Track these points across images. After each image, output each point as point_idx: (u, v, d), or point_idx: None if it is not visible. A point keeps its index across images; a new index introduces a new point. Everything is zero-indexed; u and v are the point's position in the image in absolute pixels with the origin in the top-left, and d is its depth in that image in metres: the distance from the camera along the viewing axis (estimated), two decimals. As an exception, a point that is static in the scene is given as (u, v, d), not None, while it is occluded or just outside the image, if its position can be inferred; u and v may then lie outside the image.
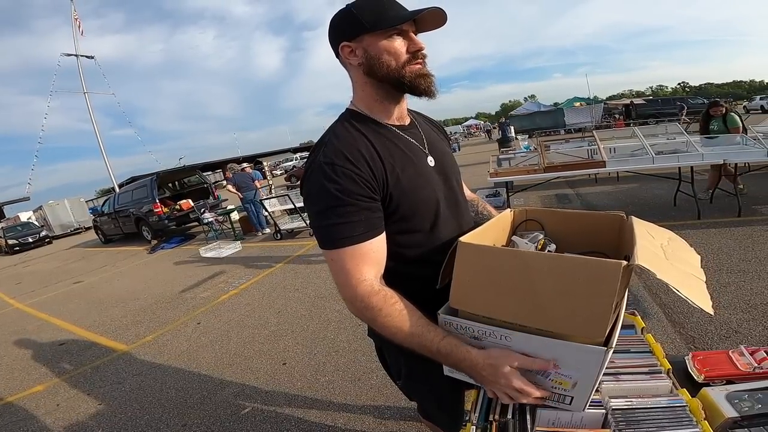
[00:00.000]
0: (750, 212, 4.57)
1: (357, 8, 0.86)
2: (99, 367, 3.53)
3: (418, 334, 0.81)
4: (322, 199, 0.84)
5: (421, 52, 0.88)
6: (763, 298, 2.72)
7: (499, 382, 0.76)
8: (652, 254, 0.73)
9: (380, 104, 0.94)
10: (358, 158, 0.85)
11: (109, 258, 9.77)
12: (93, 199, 32.39)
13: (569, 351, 0.71)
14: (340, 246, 0.84)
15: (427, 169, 0.96)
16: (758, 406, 0.78)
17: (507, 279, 0.75)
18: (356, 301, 0.84)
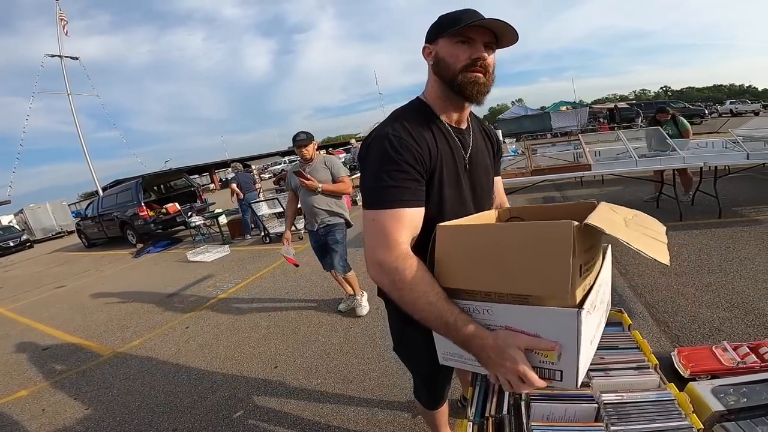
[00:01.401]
0: (730, 214, 4.71)
1: (443, 17, 0.99)
2: (85, 372, 3.47)
3: (439, 305, 0.82)
4: (383, 162, 0.93)
5: (481, 61, 0.95)
6: (744, 297, 2.80)
7: (505, 365, 0.76)
8: (607, 219, 0.76)
9: (442, 102, 1.05)
10: (421, 140, 0.96)
11: (92, 262, 9.59)
12: (76, 202, 31.72)
13: (546, 317, 0.73)
14: (389, 206, 0.91)
15: (462, 170, 1.07)
16: (743, 399, 0.81)
17: (479, 252, 0.80)
18: (389, 261, 0.87)
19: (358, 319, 3.45)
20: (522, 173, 5.46)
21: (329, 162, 3.37)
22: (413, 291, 0.84)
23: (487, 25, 0.93)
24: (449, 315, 0.81)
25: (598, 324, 0.85)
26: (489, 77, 0.99)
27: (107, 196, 11.37)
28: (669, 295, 3.02)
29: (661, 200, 5.59)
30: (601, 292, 0.81)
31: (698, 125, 21.25)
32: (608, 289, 0.89)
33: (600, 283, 0.81)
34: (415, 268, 0.85)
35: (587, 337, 0.74)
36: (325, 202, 3.29)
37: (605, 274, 0.87)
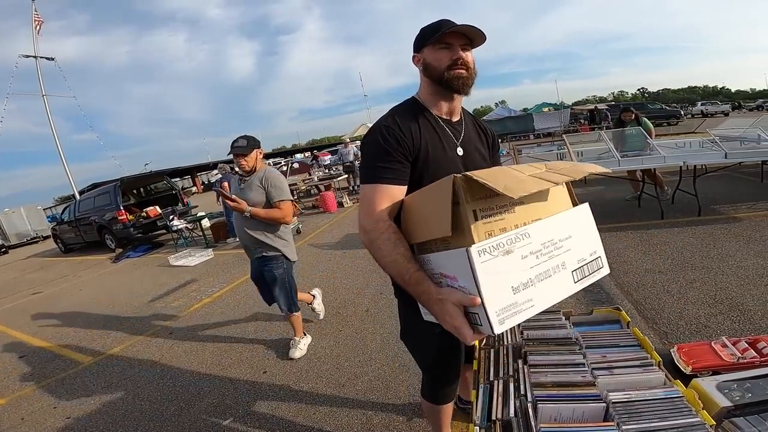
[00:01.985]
0: (709, 212, 4.83)
1: (424, 29, 1.19)
2: (64, 380, 3.34)
3: (399, 262, 0.97)
4: (373, 147, 1.15)
5: (460, 60, 1.14)
6: (727, 293, 2.87)
7: (445, 318, 0.84)
8: (491, 173, 0.85)
9: (432, 98, 1.23)
10: (405, 129, 1.14)
11: (70, 267, 9.29)
12: (51, 206, 30.71)
13: (453, 258, 0.83)
14: (372, 182, 1.11)
15: (452, 155, 1.21)
16: (748, 395, 0.81)
17: (417, 210, 1.00)
18: (368, 224, 1.06)
19: (348, 322, 3.41)
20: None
21: (268, 179, 2.68)
22: (381, 250, 1.01)
23: (460, 30, 1.12)
24: (406, 272, 0.95)
25: (547, 274, 0.85)
26: (471, 72, 1.17)
27: (84, 200, 11.03)
28: (655, 292, 3.07)
29: (642, 199, 5.72)
30: (535, 243, 0.84)
31: (674, 126, 21.91)
32: (574, 244, 0.91)
33: (528, 232, 0.84)
34: (384, 230, 1.02)
35: (500, 278, 0.78)
36: (259, 228, 2.73)
37: (557, 228, 0.90)
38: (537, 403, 0.83)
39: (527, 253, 0.83)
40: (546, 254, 0.86)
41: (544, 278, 0.85)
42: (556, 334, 1.13)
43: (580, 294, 3.21)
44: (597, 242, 0.99)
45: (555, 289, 0.87)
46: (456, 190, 0.82)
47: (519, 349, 1.07)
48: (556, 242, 0.88)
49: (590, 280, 0.94)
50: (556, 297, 0.87)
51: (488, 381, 0.98)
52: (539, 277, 0.84)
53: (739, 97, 66.03)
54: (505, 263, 0.79)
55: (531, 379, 0.92)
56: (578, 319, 1.24)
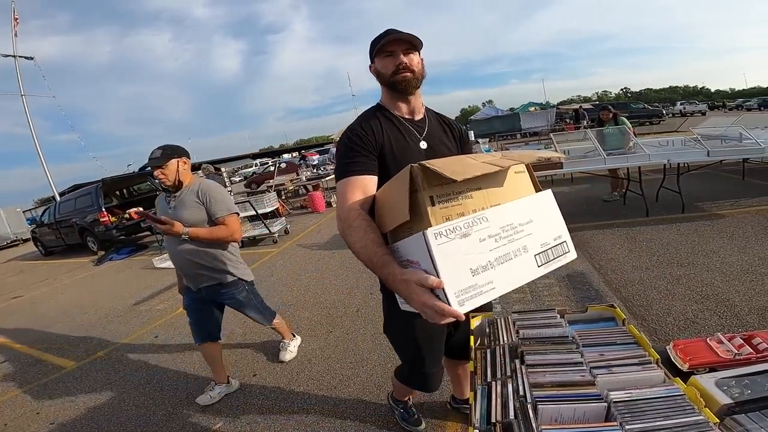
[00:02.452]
0: (693, 209, 4.92)
1: (372, 42, 1.31)
2: (47, 385, 3.25)
3: (369, 247, 1.01)
4: (342, 148, 1.28)
5: (403, 65, 1.27)
6: (713, 289, 2.91)
7: (412, 297, 0.85)
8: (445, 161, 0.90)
9: (391, 101, 1.37)
10: (367, 128, 1.29)
11: (50, 271, 9.05)
12: (31, 208, 29.86)
13: (413, 244, 0.86)
14: (343, 177, 1.21)
15: (416, 148, 1.33)
16: (748, 391, 0.81)
17: (385, 201, 1.05)
18: (341, 214, 1.14)
19: (339, 323, 3.37)
20: (496, 172, 5.51)
21: (206, 193, 2.27)
22: (352, 236, 1.06)
23: (398, 38, 1.25)
24: (374, 255, 0.99)
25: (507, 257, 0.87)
26: (417, 73, 1.30)
27: (65, 202, 10.75)
28: (642, 289, 3.11)
29: (627, 197, 5.80)
30: (493, 226, 0.87)
31: (657, 125, 22.33)
32: (535, 228, 0.94)
33: (485, 216, 0.87)
34: (355, 218, 1.08)
35: (458, 260, 0.81)
36: (203, 252, 2.29)
37: (517, 213, 0.93)
38: (537, 404, 0.81)
39: (485, 236, 0.85)
40: (505, 238, 0.88)
41: (504, 261, 0.86)
42: (552, 332, 1.12)
43: (570, 292, 3.23)
44: (561, 227, 1.02)
45: (517, 272, 0.88)
46: (413, 177, 0.86)
47: (515, 349, 1.06)
48: (515, 226, 0.90)
49: (555, 264, 0.97)
50: (519, 280, 0.89)
51: (486, 382, 0.97)
52: (499, 260, 0.86)
53: (719, 96, 67.76)
54: (463, 246, 0.82)
55: (529, 379, 0.91)
56: (573, 317, 1.23)
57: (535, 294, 3.30)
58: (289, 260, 5.75)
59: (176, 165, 2.25)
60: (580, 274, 3.56)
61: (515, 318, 1.23)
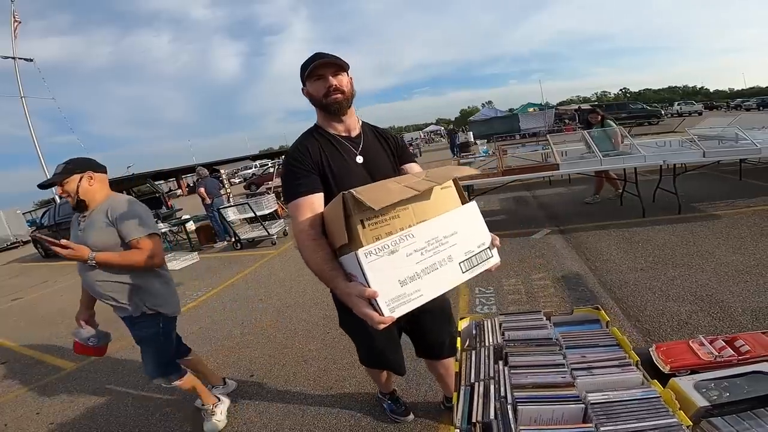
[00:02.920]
0: (689, 209, 4.94)
1: (302, 66, 1.37)
2: (47, 386, 3.28)
3: (319, 264, 1.14)
4: (285, 172, 1.39)
5: (332, 87, 1.34)
6: (707, 289, 2.93)
7: (354, 308, 0.97)
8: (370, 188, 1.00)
9: (327, 120, 1.44)
10: (304, 150, 1.38)
11: (50, 273, 9.07)
12: (31, 210, 29.91)
13: (350, 261, 0.98)
14: (291, 199, 1.30)
15: (353, 164, 1.42)
16: (726, 394, 0.83)
17: (327, 223, 1.17)
18: (295, 234, 1.27)
19: (335, 325, 3.37)
20: (493, 174, 5.54)
21: (115, 212, 1.92)
22: (303, 255, 1.20)
23: (325, 62, 1.32)
24: (323, 272, 1.12)
25: (434, 267, 0.99)
26: (347, 94, 1.38)
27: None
28: (637, 289, 3.12)
29: (624, 198, 5.82)
30: (419, 241, 0.98)
31: (655, 125, 22.33)
32: (460, 239, 1.05)
33: (411, 233, 0.97)
34: (304, 239, 1.20)
35: (386, 273, 0.93)
36: (117, 280, 1.97)
37: (441, 226, 1.03)
38: (517, 405, 0.83)
39: (412, 251, 0.96)
40: (431, 250, 0.99)
41: (430, 271, 0.98)
42: (537, 334, 1.14)
43: (565, 293, 3.25)
44: (485, 235, 1.11)
45: (443, 279, 1.00)
46: (345, 204, 0.97)
47: (500, 351, 1.08)
48: (440, 239, 1.01)
49: (479, 269, 1.08)
50: (445, 286, 1.01)
51: (469, 383, 0.99)
52: (426, 270, 0.97)
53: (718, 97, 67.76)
54: (391, 261, 0.93)
55: (511, 380, 0.93)
56: (559, 319, 1.25)
57: (531, 295, 3.31)
58: (287, 262, 5.77)
59: (76, 180, 1.91)
60: (576, 275, 3.57)
61: (502, 320, 1.25)
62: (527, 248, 4.50)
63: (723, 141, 5.75)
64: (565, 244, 4.49)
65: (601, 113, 6.48)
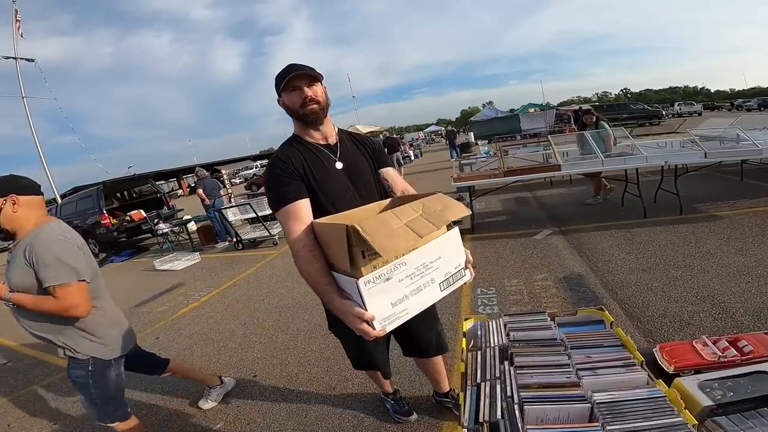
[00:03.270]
0: (690, 210, 4.94)
1: (276, 78, 1.41)
2: (50, 386, 3.29)
3: (314, 276, 1.17)
4: (269, 181, 1.40)
5: (308, 98, 1.38)
6: (709, 290, 2.94)
7: (348, 323, 1.06)
8: (376, 220, 1.04)
9: (304, 130, 1.48)
10: (286, 158, 1.40)
11: (52, 274, 9.08)
12: (32, 210, 29.91)
13: (348, 283, 1.06)
14: (282, 206, 1.32)
15: (333, 170, 1.45)
16: (730, 393, 0.84)
17: (324, 240, 1.19)
18: (289, 245, 1.28)
19: (337, 324, 3.40)
20: (495, 174, 5.54)
21: (32, 252, 1.60)
22: (298, 266, 1.23)
23: (299, 73, 1.35)
24: (318, 284, 1.17)
25: (419, 289, 1.10)
26: (323, 103, 1.42)
27: (66, 204, 10.81)
28: (639, 290, 3.13)
29: (625, 198, 5.82)
30: (410, 268, 1.07)
31: (656, 126, 22.32)
32: (442, 263, 1.15)
33: (404, 262, 1.06)
34: (300, 249, 1.22)
35: (381, 297, 1.03)
36: (41, 321, 1.73)
37: (429, 253, 1.12)
38: (524, 405, 0.84)
39: (403, 276, 1.06)
40: (418, 275, 1.09)
41: (416, 292, 1.09)
42: (542, 335, 1.14)
43: (567, 294, 3.26)
44: (462, 257, 1.22)
45: (425, 299, 1.12)
46: (348, 236, 1.01)
47: (505, 351, 1.09)
48: (427, 264, 1.11)
49: (454, 287, 1.20)
50: (426, 304, 1.12)
51: (475, 383, 0.99)
52: (413, 292, 1.09)
53: (719, 97, 67.71)
54: (386, 287, 1.03)
55: (517, 380, 0.94)
56: (563, 319, 1.26)
57: (533, 295, 3.32)
58: (289, 262, 5.77)
59: (16, 206, 1.65)
60: (578, 275, 3.58)
61: (506, 321, 1.26)
62: (529, 249, 4.51)
63: (724, 142, 5.76)
64: (567, 244, 4.49)
65: (596, 114, 6.51)
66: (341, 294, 1.12)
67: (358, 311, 1.02)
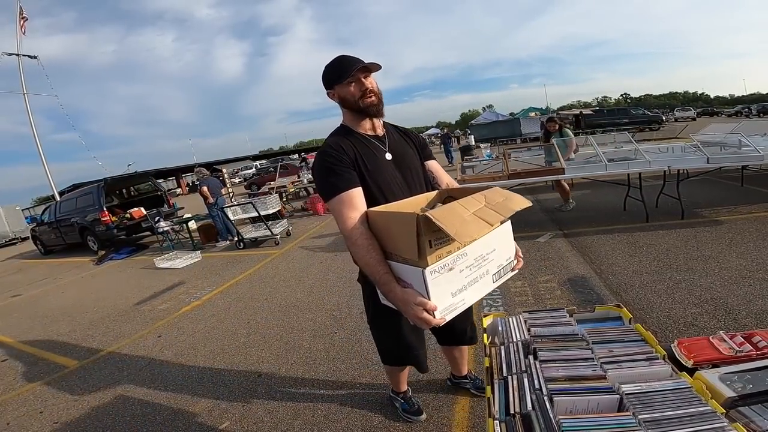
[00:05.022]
0: (692, 215, 4.98)
1: (327, 69, 1.43)
2: (50, 384, 3.26)
3: (374, 265, 1.18)
4: (320, 169, 1.39)
5: (368, 91, 1.40)
6: (712, 293, 2.96)
7: (409, 313, 1.07)
8: (447, 210, 1.05)
9: (354, 122, 1.50)
10: (338, 147, 1.40)
11: (50, 270, 9.04)
12: (30, 207, 29.83)
13: (412, 272, 1.08)
14: (335, 194, 1.32)
15: (383, 160, 1.47)
16: (750, 385, 0.85)
17: (384, 228, 1.19)
18: (345, 234, 1.28)
19: (343, 324, 3.41)
20: (499, 177, 5.57)
21: None
22: (356, 254, 1.23)
23: (359, 67, 1.37)
24: (376, 272, 1.17)
25: (475, 280, 1.13)
26: (378, 95, 1.44)
27: (66, 201, 10.77)
28: (643, 293, 3.15)
29: (627, 203, 5.85)
30: (470, 258, 1.10)
31: (657, 131, 22.45)
32: (496, 255, 1.18)
33: (466, 252, 1.09)
34: (357, 237, 1.23)
35: (443, 287, 1.05)
36: None
37: (486, 245, 1.14)
38: (553, 397, 0.85)
39: (464, 267, 1.09)
40: (476, 266, 1.12)
41: (473, 283, 1.12)
42: (562, 330, 1.16)
43: (571, 295, 3.28)
44: (512, 249, 1.25)
45: (480, 290, 1.14)
46: (418, 224, 1.02)
47: (528, 346, 1.10)
48: (484, 256, 1.14)
49: (504, 279, 1.22)
50: (480, 295, 1.14)
51: (502, 377, 1.01)
52: (470, 283, 1.11)
53: (718, 103, 68.13)
54: (448, 277, 1.06)
55: (544, 374, 0.95)
56: (581, 316, 1.27)
57: (537, 297, 3.34)
58: (291, 262, 5.78)
59: None
60: (581, 278, 3.60)
61: (526, 317, 1.27)
62: (532, 251, 4.53)
63: (725, 147, 5.81)
64: (570, 247, 4.51)
65: (559, 122, 6.70)
66: (399, 282, 1.13)
67: (421, 300, 1.03)
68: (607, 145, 7.32)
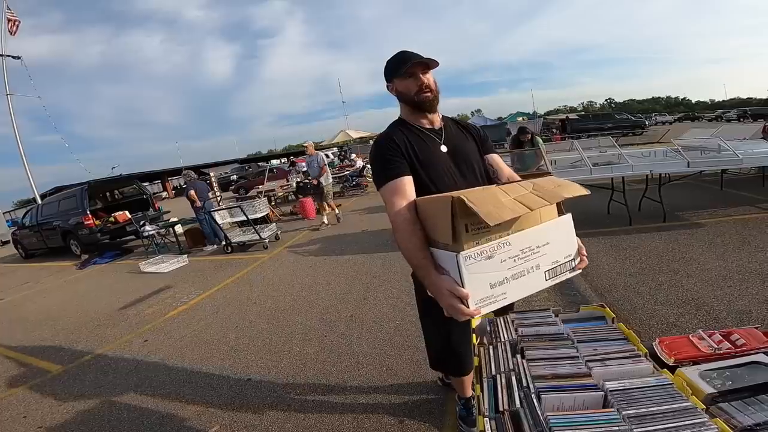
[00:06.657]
0: (673, 218, 5.10)
1: (389, 63, 1.49)
2: (33, 389, 3.21)
3: (412, 250, 1.17)
4: (376, 158, 1.45)
5: (424, 86, 1.44)
6: (693, 294, 3.04)
7: (440, 299, 1.05)
8: (483, 194, 1.02)
9: (412, 115, 1.53)
10: (391, 139, 1.45)
11: (31, 274, 8.84)
12: (11, 210, 29.11)
13: (447, 258, 1.04)
14: (386, 182, 1.36)
15: (438, 152, 1.49)
16: (729, 382, 0.89)
17: (428, 215, 1.17)
18: (390, 217, 1.30)
19: (333, 328, 3.41)
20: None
21: None
22: (399, 240, 1.24)
23: (420, 61, 1.41)
24: (415, 257, 1.16)
25: (521, 274, 1.05)
26: (435, 91, 1.47)
27: (48, 204, 10.55)
28: (626, 294, 3.22)
29: (611, 206, 5.97)
30: (514, 249, 1.03)
31: (639, 135, 22.94)
32: (550, 249, 1.09)
33: (509, 241, 1.03)
34: (401, 222, 1.24)
35: (480, 276, 1.00)
36: None
37: (536, 237, 1.07)
38: (540, 394, 0.88)
39: (506, 257, 1.02)
40: (523, 258, 1.04)
41: (518, 276, 1.04)
42: (548, 330, 1.19)
43: (557, 297, 3.33)
44: (573, 247, 1.15)
45: (527, 285, 1.06)
46: (453, 208, 1.00)
47: (516, 345, 1.13)
48: (533, 248, 1.06)
49: (560, 278, 1.13)
50: (528, 291, 1.07)
51: (491, 376, 1.03)
52: (515, 276, 1.04)
53: (699, 108, 69.81)
54: (486, 265, 1.00)
55: (531, 372, 0.98)
56: (566, 316, 1.31)
57: (524, 298, 3.37)
58: (280, 266, 5.75)
59: None
60: (566, 279, 3.65)
61: (514, 317, 1.30)
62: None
63: (705, 151, 5.97)
64: (556, 249, 4.58)
65: (531, 132, 6.99)
66: (438, 269, 1.10)
67: (453, 287, 1.01)
68: (591, 149, 7.46)
